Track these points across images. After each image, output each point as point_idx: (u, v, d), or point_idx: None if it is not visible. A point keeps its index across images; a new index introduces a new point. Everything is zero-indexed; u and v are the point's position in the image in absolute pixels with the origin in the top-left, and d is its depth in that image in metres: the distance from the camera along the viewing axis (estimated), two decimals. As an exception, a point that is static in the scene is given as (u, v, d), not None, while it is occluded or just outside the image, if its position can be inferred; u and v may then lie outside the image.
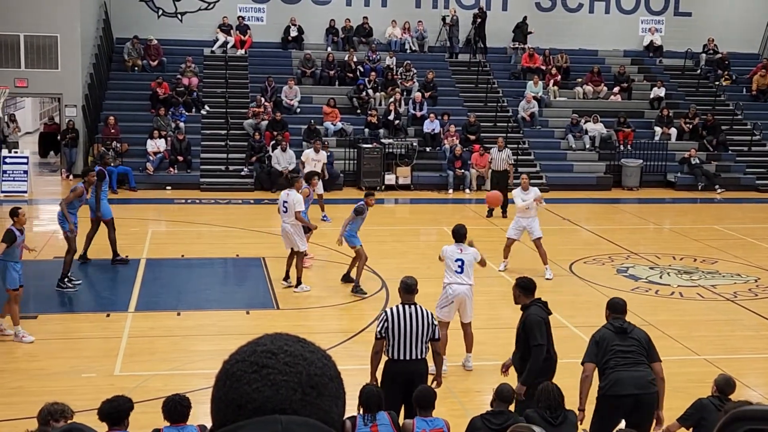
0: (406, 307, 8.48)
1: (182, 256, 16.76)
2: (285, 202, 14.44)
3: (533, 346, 8.29)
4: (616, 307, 8.20)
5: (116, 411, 6.62)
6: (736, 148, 28.23)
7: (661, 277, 16.09)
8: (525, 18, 30.83)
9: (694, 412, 7.41)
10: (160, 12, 29.82)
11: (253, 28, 29.84)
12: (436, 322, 8.59)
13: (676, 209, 24.63)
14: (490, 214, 21.14)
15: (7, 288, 11.88)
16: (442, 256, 11.03)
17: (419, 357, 8.41)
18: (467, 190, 24.87)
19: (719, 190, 26.14)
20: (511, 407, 7.42)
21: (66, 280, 14.38)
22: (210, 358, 11.14)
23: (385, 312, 8.52)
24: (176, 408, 6.84)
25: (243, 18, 29.76)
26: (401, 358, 8.34)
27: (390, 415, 7.24)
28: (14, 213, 12.24)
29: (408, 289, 8.62)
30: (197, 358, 11.40)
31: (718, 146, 27.81)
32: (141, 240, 17.71)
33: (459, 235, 11.07)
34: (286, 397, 1.57)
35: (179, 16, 30.06)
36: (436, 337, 8.53)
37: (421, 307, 8.57)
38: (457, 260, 10.84)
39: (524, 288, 8.66)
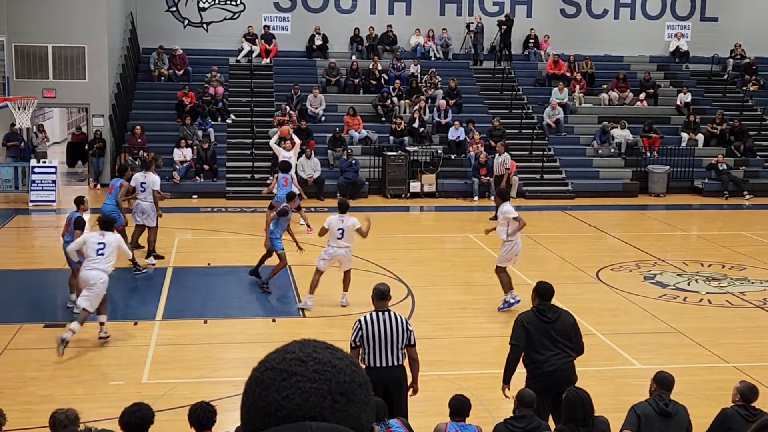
0: (380, 314, 8.45)
1: (209, 264, 16.84)
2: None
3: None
4: (663, 382, 7.40)
5: (141, 420, 6.62)
6: (764, 154, 27.97)
7: (689, 284, 15.96)
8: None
9: (720, 424, 7.31)
10: (186, 22, 30.10)
11: (278, 37, 29.99)
12: (411, 328, 8.56)
13: (704, 215, 24.44)
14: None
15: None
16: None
17: (396, 363, 8.41)
18: (492, 197, 24.81)
19: (748, 197, 25.93)
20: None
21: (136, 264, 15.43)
22: (237, 365, 11.18)
23: (359, 320, 8.46)
24: (203, 415, 6.85)
25: (268, 27, 29.92)
26: (378, 365, 8.31)
27: (401, 420, 7.29)
28: (81, 201, 13.67)
29: (381, 295, 8.61)
30: (224, 366, 11.45)
31: (746, 152, 27.57)
32: (167, 248, 17.81)
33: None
34: (315, 405, 1.58)
35: (205, 25, 30.32)
36: (412, 343, 8.50)
37: (395, 313, 8.56)
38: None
39: (537, 292, 8.78)
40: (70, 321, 12.44)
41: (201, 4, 30.01)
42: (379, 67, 28.83)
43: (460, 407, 7.40)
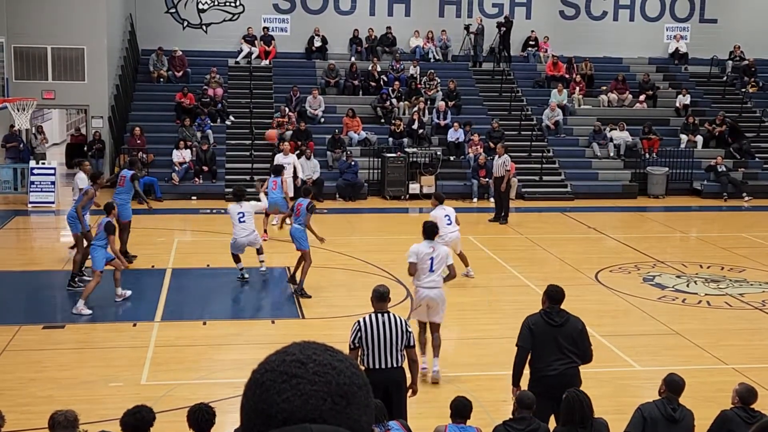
0: (379, 315, 8.44)
1: (208, 265, 16.82)
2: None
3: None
4: (673, 386, 7.34)
5: (141, 422, 6.62)
6: (763, 156, 27.98)
7: (688, 286, 15.96)
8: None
9: (720, 426, 7.29)
10: (185, 23, 30.11)
11: (277, 38, 29.99)
12: (410, 329, 8.55)
13: (703, 217, 24.45)
14: (496, 219, 21.42)
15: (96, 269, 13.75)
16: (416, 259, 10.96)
17: (395, 365, 8.39)
18: (491, 199, 24.82)
19: (747, 198, 25.94)
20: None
21: (77, 279, 14.70)
22: (236, 367, 11.18)
23: (358, 322, 8.44)
24: (202, 416, 6.84)
25: (267, 29, 29.93)
26: (377, 367, 8.31)
27: (400, 422, 7.29)
28: (111, 207, 14.42)
29: (380, 297, 8.59)
30: (223, 368, 11.44)
31: (744, 153, 27.58)
32: (167, 250, 17.81)
33: (430, 231, 11.26)
34: (315, 407, 1.58)
35: (204, 27, 30.32)
36: (411, 344, 8.49)
37: (394, 314, 8.55)
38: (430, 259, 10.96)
39: (547, 295, 8.70)
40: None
41: (200, 6, 30.02)
42: (379, 69, 28.83)
43: (461, 409, 7.40)
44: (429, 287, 10.88)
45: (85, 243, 14.89)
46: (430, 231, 11.26)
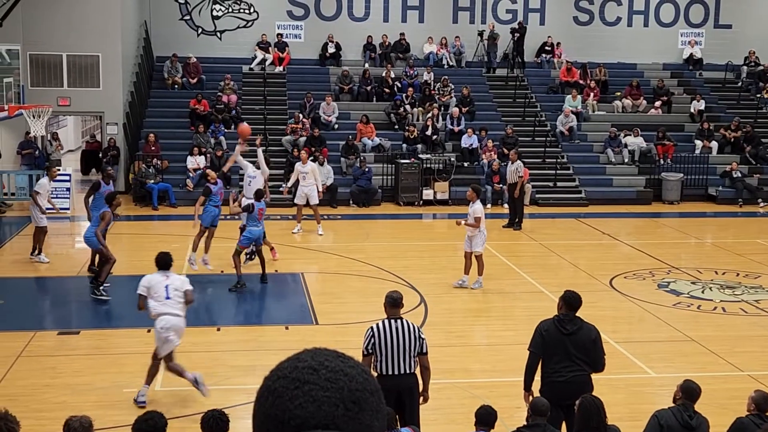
0: (392, 321, 8.42)
1: (222, 272, 16.86)
2: None
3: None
4: (689, 392, 7.31)
5: (153, 428, 6.61)
6: (778, 161, 27.85)
7: (703, 292, 15.89)
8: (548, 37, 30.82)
9: None
10: (200, 30, 30.23)
11: (291, 45, 30.07)
12: (423, 336, 8.52)
13: (718, 223, 24.33)
14: (510, 225, 21.37)
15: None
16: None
17: (408, 371, 8.37)
18: (505, 205, 24.78)
19: (762, 204, 25.81)
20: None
21: (102, 288, 14.68)
22: (249, 373, 11.19)
23: (371, 328, 8.43)
24: (217, 424, 6.84)
25: (281, 35, 30.01)
26: (390, 373, 8.29)
27: (413, 428, 7.28)
28: (262, 193, 16.15)
29: (393, 303, 8.58)
30: (237, 374, 11.45)
31: (759, 159, 27.45)
32: (181, 256, 17.82)
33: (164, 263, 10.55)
34: (328, 413, 1.58)
35: (218, 34, 30.44)
36: (424, 351, 8.46)
37: (407, 321, 8.53)
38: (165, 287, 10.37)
39: (564, 300, 8.64)
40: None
41: (215, 13, 30.13)
42: (392, 75, 28.86)
43: (486, 417, 7.41)
44: (165, 313, 10.33)
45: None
46: (164, 263, 10.59)
